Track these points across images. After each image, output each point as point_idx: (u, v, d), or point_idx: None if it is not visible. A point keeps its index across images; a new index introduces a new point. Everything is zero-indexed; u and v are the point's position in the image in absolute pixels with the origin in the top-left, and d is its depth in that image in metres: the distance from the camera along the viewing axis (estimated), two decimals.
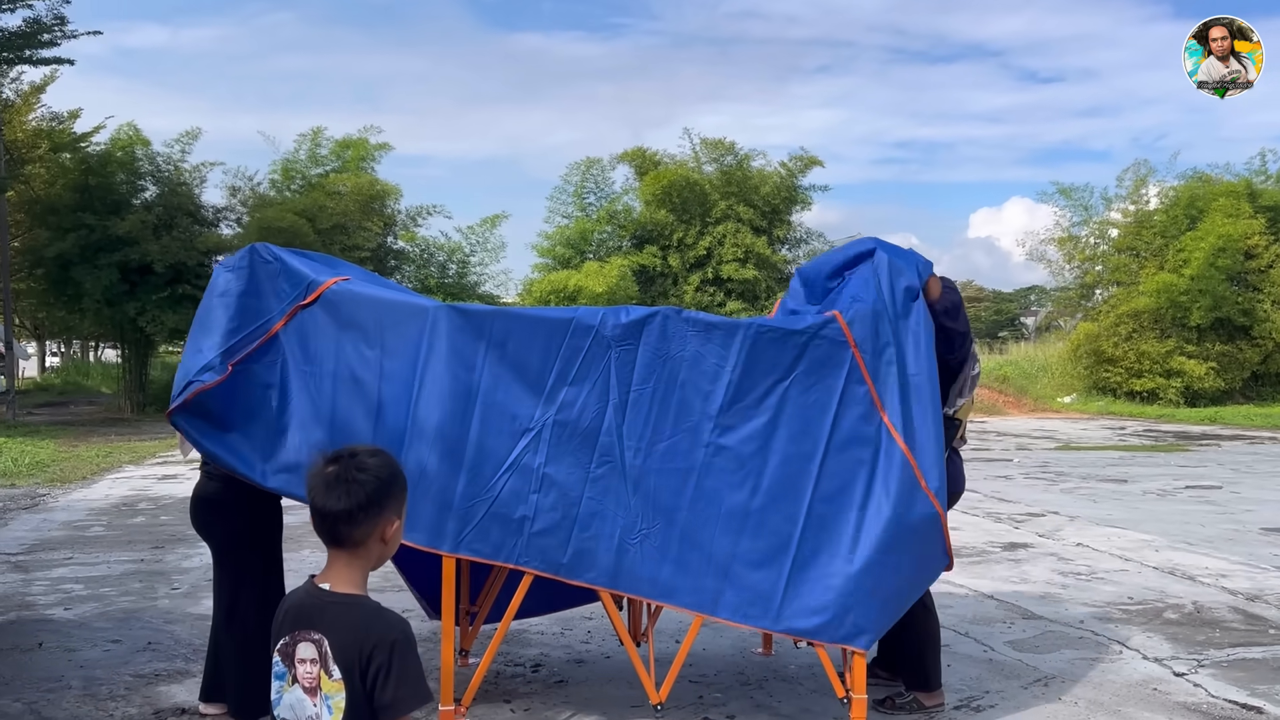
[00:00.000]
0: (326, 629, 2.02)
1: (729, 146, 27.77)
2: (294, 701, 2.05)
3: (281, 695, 2.07)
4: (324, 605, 2.04)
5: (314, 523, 2.06)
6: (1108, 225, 27.59)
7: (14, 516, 9.71)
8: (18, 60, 21.19)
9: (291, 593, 2.15)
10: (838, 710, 4.27)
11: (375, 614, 2.05)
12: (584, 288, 24.12)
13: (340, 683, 2.00)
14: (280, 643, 2.07)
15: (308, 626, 2.03)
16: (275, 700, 2.08)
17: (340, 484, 2.02)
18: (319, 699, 2.02)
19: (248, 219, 24.92)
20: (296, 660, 2.04)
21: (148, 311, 23.53)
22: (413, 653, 2.04)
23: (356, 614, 2.03)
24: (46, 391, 33.63)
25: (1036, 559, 7.65)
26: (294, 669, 2.04)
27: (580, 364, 3.83)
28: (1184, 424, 21.49)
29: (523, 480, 3.76)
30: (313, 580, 2.10)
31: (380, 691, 1.99)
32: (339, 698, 2.00)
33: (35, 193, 24.47)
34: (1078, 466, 13.71)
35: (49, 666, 5.04)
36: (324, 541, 2.07)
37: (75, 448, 16.01)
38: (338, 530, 2.03)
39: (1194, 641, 5.50)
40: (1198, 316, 24.60)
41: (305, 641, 2.03)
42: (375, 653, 1.98)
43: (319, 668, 2.01)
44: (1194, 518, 9.52)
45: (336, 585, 2.05)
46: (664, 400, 3.82)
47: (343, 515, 2.02)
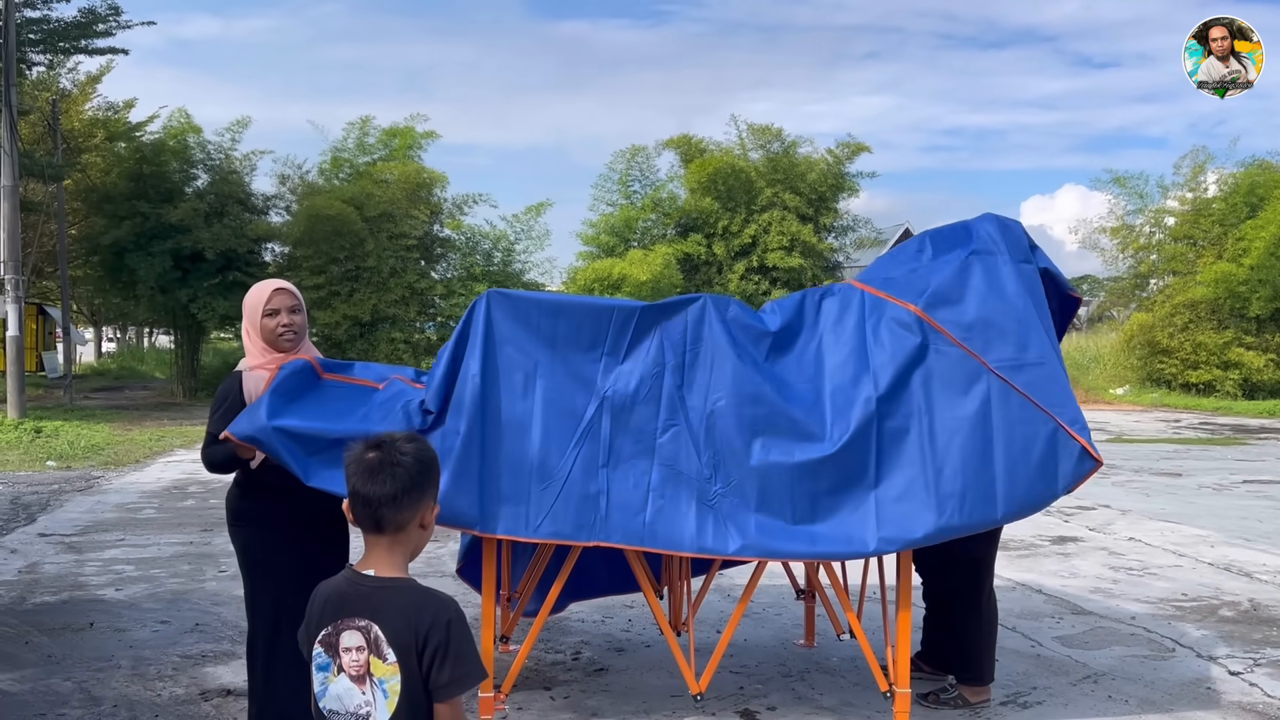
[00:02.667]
0: (375, 614, 2.00)
1: (775, 133, 27.51)
2: (341, 692, 2.03)
3: (327, 686, 2.04)
4: (370, 591, 2.03)
5: (354, 509, 2.06)
6: (1164, 213, 26.96)
7: (69, 498, 9.92)
8: (74, 50, 21.59)
9: (325, 584, 2.13)
10: (880, 704, 4.21)
11: (427, 595, 2.05)
12: (628, 275, 24.07)
13: (395, 666, 1.99)
14: (321, 633, 2.05)
15: (352, 614, 2.02)
16: (320, 692, 2.05)
17: (384, 469, 2.03)
18: (369, 685, 2.00)
19: (297, 207, 25.22)
20: (341, 650, 2.02)
21: (199, 298, 23.93)
22: (467, 632, 2.04)
23: (408, 597, 2.02)
24: (102, 376, 34.38)
25: (1087, 553, 7.50)
26: (339, 658, 2.02)
27: (630, 337, 3.85)
28: (1241, 417, 20.98)
29: (591, 455, 3.73)
30: (351, 569, 2.09)
31: (437, 672, 1.99)
32: (394, 681, 1.99)
33: (91, 181, 24.96)
34: (1130, 459, 13.44)
35: (99, 646, 5.14)
36: (365, 528, 2.06)
37: (129, 431, 16.33)
38: (381, 515, 2.03)
39: (1250, 640, 5.35)
40: (1257, 307, 23.97)
41: (350, 630, 2.02)
42: (431, 634, 1.98)
43: (367, 654, 2.00)
44: (1251, 513, 9.28)
45: (381, 570, 2.05)
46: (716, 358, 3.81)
47: (386, 500, 2.02)
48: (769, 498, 3.68)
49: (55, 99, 24.30)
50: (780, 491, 3.68)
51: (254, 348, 3.60)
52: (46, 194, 25.53)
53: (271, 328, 3.55)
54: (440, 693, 2.00)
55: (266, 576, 3.53)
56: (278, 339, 3.56)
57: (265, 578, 3.54)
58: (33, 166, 21.43)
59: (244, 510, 3.60)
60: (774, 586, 5.97)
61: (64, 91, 25.70)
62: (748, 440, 3.71)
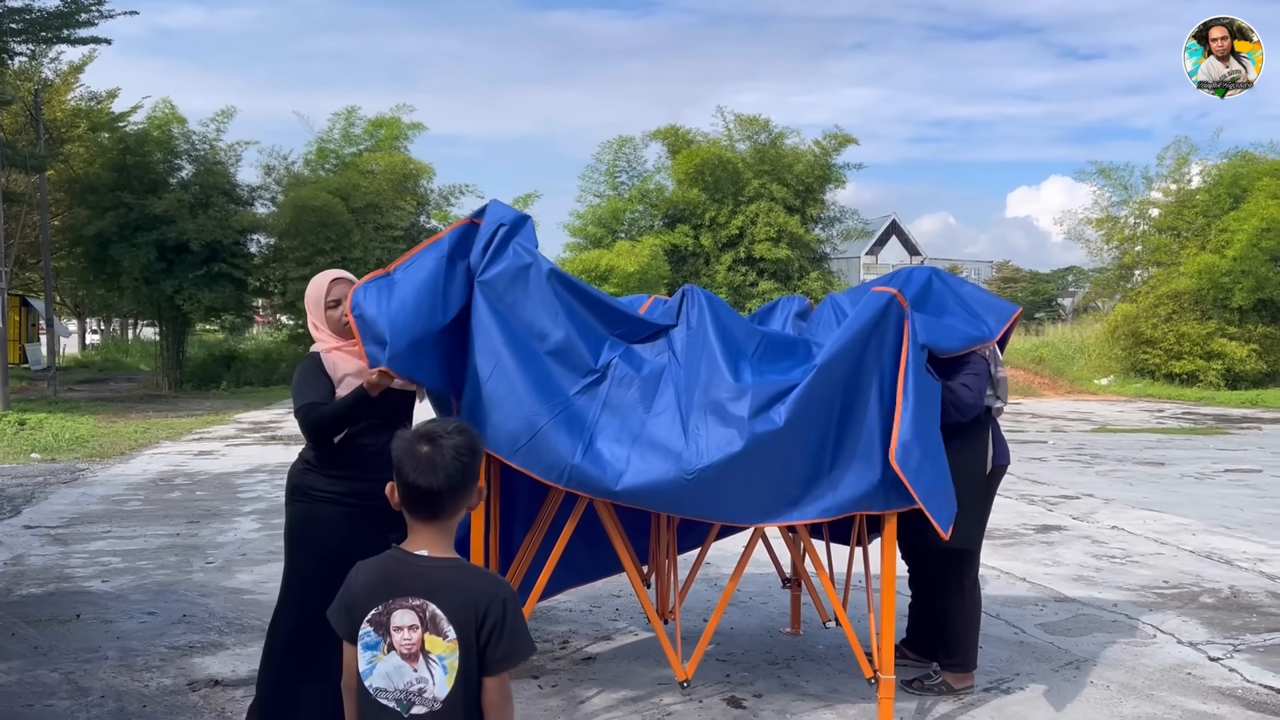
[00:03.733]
0: (430, 594, 2.06)
1: (763, 124, 27.53)
2: (390, 670, 2.07)
3: (375, 665, 2.08)
4: (425, 571, 2.08)
5: (407, 498, 2.12)
6: (1148, 205, 27.12)
7: (54, 490, 9.89)
8: (56, 40, 21.40)
9: (364, 564, 2.16)
10: (865, 690, 4.25)
11: (480, 574, 2.16)
12: (616, 267, 24.07)
13: (454, 643, 2.04)
14: (370, 613, 2.08)
15: (404, 594, 2.06)
16: (367, 670, 2.09)
17: (437, 462, 2.09)
18: (423, 662, 2.05)
19: (282, 198, 25.11)
20: (393, 629, 2.06)
21: (184, 290, 23.82)
22: (520, 609, 2.13)
23: (464, 575, 2.11)
24: (86, 368, 34.19)
25: (1070, 542, 7.57)
26: (390, 637, 2.06)
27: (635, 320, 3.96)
28: (1224, 407, 21.15)
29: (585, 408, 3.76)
30: (400, 549, 2.13)
31: (493, 647, 2.06)
32: (453, 658, 2.05)
33: (74, 172, 24.79)
34: (1114, 449, 13.54)
35: (86, 637, 5.13)
36: (416, 514, 2.12)
37: (114, 423, 16.26)
38: (435, 504, 2.10)
39: (1230, 626, 5.41)
40: (1240, 298, 24.16)
41: (403, 609, 2.06)
42: (490, 611, 2.05)
43: (421, 633, 2.05)
44: (1233, 501, 9.37)
45: (434, 551, 2.11)
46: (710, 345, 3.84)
47: (441, 491, 2.09)
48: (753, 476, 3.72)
49: (37, 89, 24.11)
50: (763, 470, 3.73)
51: (325, 337, 3.58)
52: (29, 185, 25.33)
53: (337, 318, 3.54)
54: (493, 667, 2.08)
55: (307, 553, 3.48)
56: (345, 328, 3.53)
57: (305, 554, 3.48)
58: (15, 157, 21.27)
59: (306, 485, 3.50)
60: (760, 575, 6.01)
61: (46, 81, 25.51)
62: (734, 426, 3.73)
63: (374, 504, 3.39)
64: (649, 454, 3.68)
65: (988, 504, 4.39)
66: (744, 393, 3.69)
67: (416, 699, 2.06)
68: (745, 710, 4.17)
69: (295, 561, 3.54)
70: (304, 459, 3.55)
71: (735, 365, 3.80)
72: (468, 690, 2.06)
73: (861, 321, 3.78)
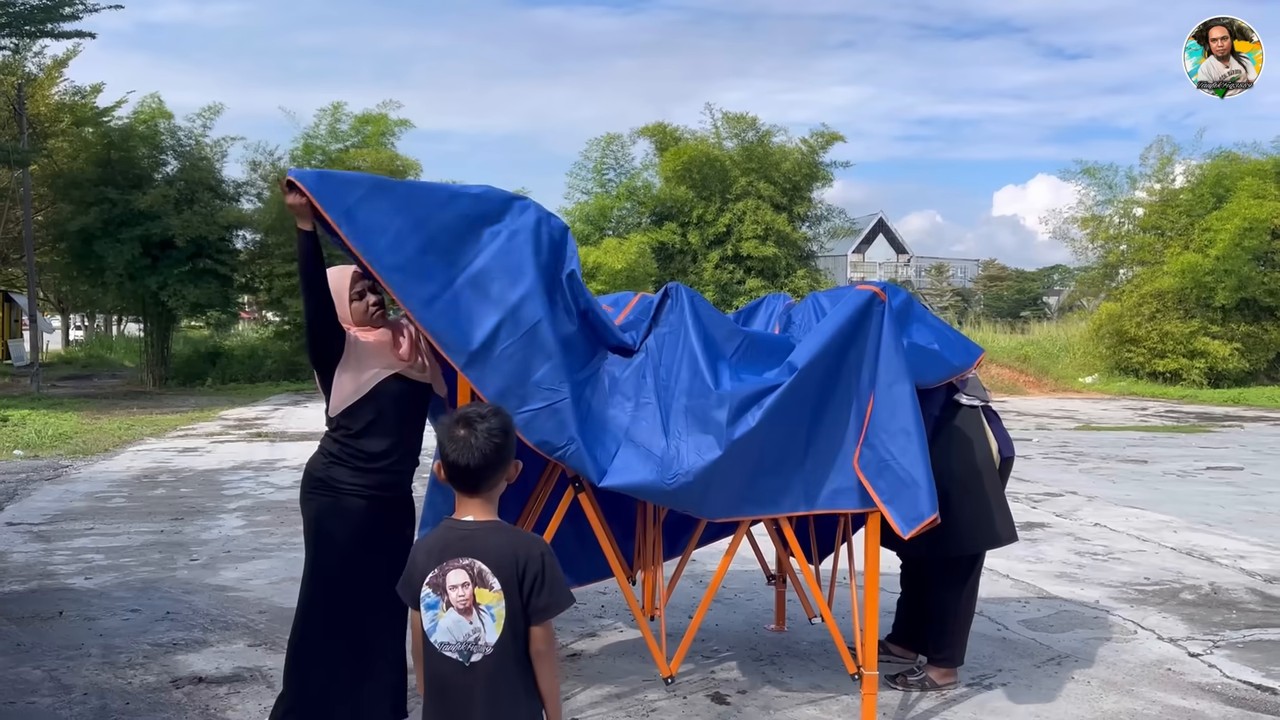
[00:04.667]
0: (477, 553, 2.33)
1: (750, 122, 27.55)
2: (450, 624, 2.34)
3: (436, 622, 2.35)
4: (470, 533, 2.36)
5: (448, 474, 2.39)
6: (1133, 204, 27.27)
7: (37, 487, 9.83)
8: (40, 34, 21.26)
9: (425, 538, 2.45)
10: (849, 687, 4.27)
11: (519, 533, 2.47)
12: (603, 264, 24.05)
13: (500, 593, 2.32)
14: (429, 576, 2.35)
15: (455, 556, 2.34)
16: (430, 629, 2.35)
17: (474, 443, 2.36)
18: (475, 614, 2.32)
19: (268, 194, 24.99)
20: (449, 587, 2.33)
21: (169, 286, 23.68)
22: (557, 564, 2.40)
23: (505, 534, 2.39)
24: (70, 364, 33.99)
25: (1053, 539, 7.62)
26: (446, 595, 2.33)
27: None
28: (1207, 405, 21.30)
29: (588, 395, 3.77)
30: (450, 519, 2.42)
31: (535, 597, 2.34)
32: (499, 606, 2.32)
33: (58, 167, 24.62)
34: (1097, 447, 13.63)
35: (69, 634, 5.11)
36: (459, 488, 2.40)
37: (98, 420, 16.17)
38: (474, 480, 2.38)
39: (1210, 623, 5.46)
40: (1223, 297, 24.32)
41: (455, 569, 2.33)
42: (529, 564, 2.34)
43: (472, 588, 2.32)
44: (1214, 499, 9.44)
45: (478, 516, 2.40)
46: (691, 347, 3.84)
47: (481, 469, 2.37)
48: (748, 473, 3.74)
49: (21, 83, 23.92)
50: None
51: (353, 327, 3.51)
52: (12, 180, 25.16)
53: (363, 310, 3.50)
54: (537, 616, 2.35)
55: (334, 546, 3.43)
56: (372, 319, 3.51)
57: (331, 547, 3.44)
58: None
59: (331, 479, 3.45)
60: (745, 573, 6.03)
61: (30, 75, 25.28)
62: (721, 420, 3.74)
63: (391, 495, 3.49)
64: (632, 454, 3.69)
65: (1001, 499, 4.39)
66: (723, 400, 3.68)
67: (474, 648, 2.33)
68: (729, 706, 4.18)
69: (322, 556, 3.47)
70: (328, 453, 3.49)
71: (715, 369, 3.80)
72: (515, 637, 2.33)
73: (843, 319, 3.79)
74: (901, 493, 3.66)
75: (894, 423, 3.70)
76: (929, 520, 3.62)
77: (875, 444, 3.71)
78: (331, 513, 3.45)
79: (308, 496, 3.52)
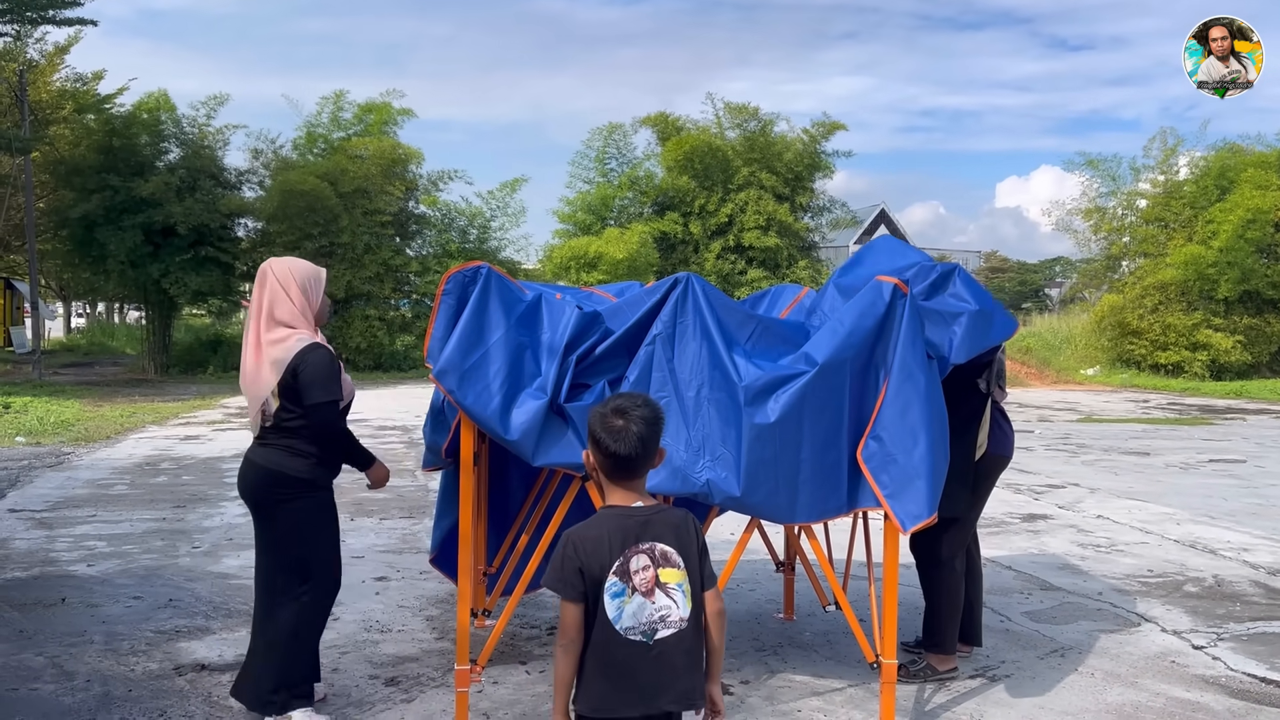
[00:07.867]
0: (656, 536, 2.41)
1: (752, 111, 27.47)
2: (635, 609, 2.39)
3: (622, 609, 2.39)
4: (646, 518, 2.43)
5: (606, 464, 2.43)
6: (1136, 196, 27.21)
7: (39, 474, 9.83)
8: (41, 20, 21.21)
9: (581, 531, 2.43)
10: (852, 677, 4.26)
11: (674, 509, 2.52)
12: (605, 254, 24.01)
13: (683, 570, 2.42)
14: (615, 564, 2.39)
15: (635, 542, 2.40)
16: (616, 615, 2.38)
17: (633, 431, 2.41)
18: (660, 593, 2.40)
19: (270, 182, 24.96)
20: (633, 573, 2.39)
21: (171, 273, 23.68)
22: None
23: (669, 514, 2.48)
24: (72, 352, 33.99)
25: (1056, 531, 7.61)
26: (631, 580, 2.39)
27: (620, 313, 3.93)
28: (1209, 397, 21.28)
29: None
30: (614, 508, 2.44)
31: (703, 564, 2.47)
32: (686, 583, 2.43)
33: (60, 154, 24.58)
34: (1100, 439, 13.61)
35: (72, 621, 5.11)
36: (617, 476, 2.44)
37: (99, 407, 16.17)
38: (633, 466, 2.43)
39: (1214, 615, 5.45)
40: (1226, 289, 24.29)
41: (637, 554, 2.40)
42: (696, 536, 2.48)
43: (654, 570, 2.40)
44: (1217, 491, 9.43)
45: (642, 501, 2.46)
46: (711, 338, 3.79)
47: (640, 456, 2.42)
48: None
49: (22, 70, 23.87)
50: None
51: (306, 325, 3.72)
52: (14, 166, 25.13)
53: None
54: (708, 581, 2.49)
55: (327, 535, 3.82)
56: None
57: (326, 536, 3.81)
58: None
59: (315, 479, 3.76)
60: (750, 562, 6.02)
61: (31, 62, 25.24)
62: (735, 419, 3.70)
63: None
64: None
65: (977, 487, 4.39)
66: (739, 388, 3.64)
67: (660, 625, 2.39)
68: (732, 697, 4.17)
69: (320, 546, 3.79)
70: (304, 455, 3.72)
71: (732, 359, 3.74)
72: (696, 608, 2.44)
73: (865, 314, 3.73)
74: (905, 489, 3.64)
75: (904, 419, 3.66)
76: (928, 520, 3.60)
77: (883, 437, 3.67)
78: (320, 508, 3.80)
79: (287, 495, 3.72)
